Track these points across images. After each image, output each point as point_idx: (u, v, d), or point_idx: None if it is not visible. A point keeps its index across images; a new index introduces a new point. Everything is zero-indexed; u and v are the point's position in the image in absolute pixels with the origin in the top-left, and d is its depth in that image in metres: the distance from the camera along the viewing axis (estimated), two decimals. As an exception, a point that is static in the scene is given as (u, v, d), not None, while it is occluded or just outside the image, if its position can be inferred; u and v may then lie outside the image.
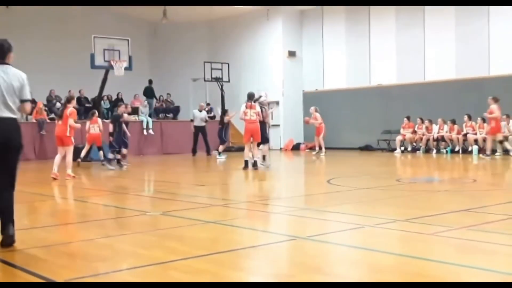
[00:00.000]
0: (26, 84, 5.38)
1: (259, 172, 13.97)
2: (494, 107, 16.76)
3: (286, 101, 25.08)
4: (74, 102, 12.99)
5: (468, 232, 5.66)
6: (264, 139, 14.71)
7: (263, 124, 14.61)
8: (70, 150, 12.36)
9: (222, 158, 18.34)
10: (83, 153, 16.46)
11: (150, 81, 25.64)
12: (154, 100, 25.39)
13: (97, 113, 16.61)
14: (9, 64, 5.38)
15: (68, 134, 12.22)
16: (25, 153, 19.46)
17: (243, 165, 14.04)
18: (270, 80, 25.32)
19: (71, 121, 12.31)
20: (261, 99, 15.09)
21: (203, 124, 21.17)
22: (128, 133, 15.78)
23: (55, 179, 11.94)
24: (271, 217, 7.35)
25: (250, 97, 14.13)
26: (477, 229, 5.79)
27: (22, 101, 5.34)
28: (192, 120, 21.39)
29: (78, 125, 13.24)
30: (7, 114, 5.23)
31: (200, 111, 21.36)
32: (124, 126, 15.43)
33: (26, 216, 7.25)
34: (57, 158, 12.31)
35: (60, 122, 12.37)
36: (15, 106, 5.31)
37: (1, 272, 4.51)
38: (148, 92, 25.34)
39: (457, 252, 4.87)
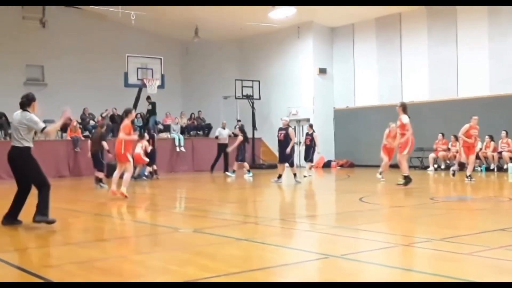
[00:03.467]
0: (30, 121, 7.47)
1: (290, 189, 13.92)
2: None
3: (316, 119, 25.02)
4: (130, 116, 12.05)
5: (505, 252, 5.53)
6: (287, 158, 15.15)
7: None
8: (126, 168, 11.46)
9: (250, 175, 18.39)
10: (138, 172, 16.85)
11: (148, 97, 22.74)
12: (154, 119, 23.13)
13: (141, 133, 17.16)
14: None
15: (122, 151, 11.38)
16: (59, 170, 19.84)
17: (403, 181, 13.17)
18: (300, 97, 25.33)
19: (121, 135, 11.52)
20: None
21: (227, 141, 21.30)
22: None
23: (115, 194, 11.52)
24: (303, 234, 7.30)
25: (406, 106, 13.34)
26: (515, 249, 5.65)
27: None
28: (217, 137, 21.57)
29: (132, 137, 11.94)
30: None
31: (224, 128, 21.52)
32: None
33: (60, 232, 7.35)
34: (115, 175, 11.75)
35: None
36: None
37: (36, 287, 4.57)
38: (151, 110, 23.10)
39: (494, 273, 4.75)
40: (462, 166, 15.09)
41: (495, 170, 18.82)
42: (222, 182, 17.51)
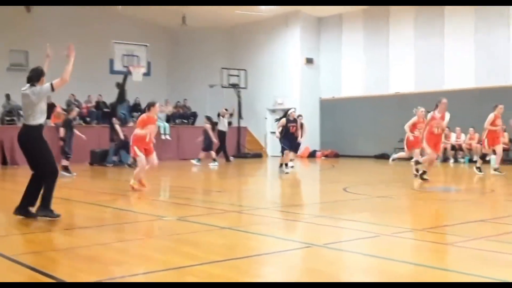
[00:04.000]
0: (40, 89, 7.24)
1: (275, 179, 13.95)
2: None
3: (303, 108, 24.98)
4: (153, 109, 11.27)
5: (486, 242, 5.60)
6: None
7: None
8: (137, 160, 11.02)
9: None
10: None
11: (118, 84, 21.30)
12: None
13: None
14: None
15: (130, 143, 11.21)
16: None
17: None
18: (287, 87, 25.32)
19: (136, 130, 11.10)
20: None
21: (226, 129, 21.07)
22: (84, 137, 15.33)
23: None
24: (287, 224, 7.33)
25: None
26: (496, 240, 5.71)
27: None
28: (217, 124, 21.39)
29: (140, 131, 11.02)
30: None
31: (223, 117, 21.33)
32: (76, 131, 14.99)
33: (42, 219, 7.29)
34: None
35: None
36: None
37: (19, 274, 4.54)
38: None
39: (475, 263, 4.81)
40: (483, 158, 14.55)
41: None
42: (207, 171, 17.50)
